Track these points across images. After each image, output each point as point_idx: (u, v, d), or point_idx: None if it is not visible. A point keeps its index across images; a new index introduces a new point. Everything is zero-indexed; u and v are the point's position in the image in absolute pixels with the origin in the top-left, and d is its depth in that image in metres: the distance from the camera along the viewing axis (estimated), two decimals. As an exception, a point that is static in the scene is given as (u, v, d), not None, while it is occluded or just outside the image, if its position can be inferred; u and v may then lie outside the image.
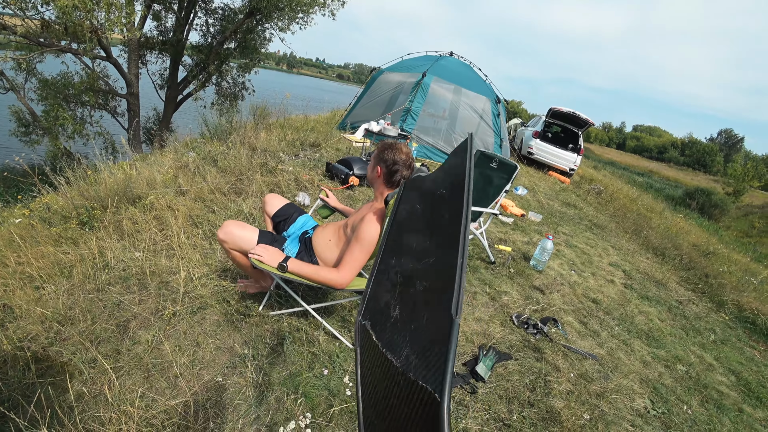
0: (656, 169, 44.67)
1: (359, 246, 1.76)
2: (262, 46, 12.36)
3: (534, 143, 10.26)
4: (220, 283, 2.30)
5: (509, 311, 2.78)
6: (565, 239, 4.83)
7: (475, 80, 7.76)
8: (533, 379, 2.15)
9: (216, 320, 2.04)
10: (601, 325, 3.00)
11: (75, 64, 10.15)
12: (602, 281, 3.87)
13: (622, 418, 2.07)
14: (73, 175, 3.29)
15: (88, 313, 1.97)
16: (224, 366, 1.78)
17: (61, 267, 2.30)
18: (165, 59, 12.38)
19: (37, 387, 1.55)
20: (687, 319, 3.62)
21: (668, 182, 30.96)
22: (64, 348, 1.76)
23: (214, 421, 1.53)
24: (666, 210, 11.75)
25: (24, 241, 2.51)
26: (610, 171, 21.68)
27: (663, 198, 17.91)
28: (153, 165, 3.79)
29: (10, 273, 2.21)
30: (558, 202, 6.94)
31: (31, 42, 8.41)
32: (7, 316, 1.91)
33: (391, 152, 1.84)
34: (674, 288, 4.35)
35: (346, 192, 4.21)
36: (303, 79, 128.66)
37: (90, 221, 2.77)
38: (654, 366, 2.67)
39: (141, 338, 1.86)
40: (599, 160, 31.79)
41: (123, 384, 1.61)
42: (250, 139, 4.66)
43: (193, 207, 3.08)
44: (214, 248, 2.66)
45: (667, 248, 5.84)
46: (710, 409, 2.38)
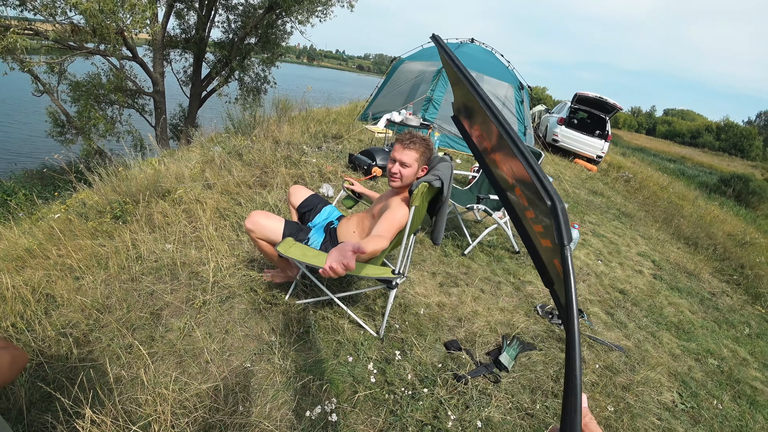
0: (689, 154, 42.70)
1: (388, 224, 1.80)
2: (283, 39, 12.44)
3: (559, 130, 9.99)
4: (248, 273, 2.37)
5: (534, 301, 2.75)
6: (592, 228, 4.72)
7: (498, 67, 7.61)
8: (557, 370, 2.13)
9: (244, 309, 2.11)
10: (628, 316, 2.93)
11: (104, 65, 10.50)
12: (630, 271, 3.77)
13: (649, 411, 2.03)
14: (106, 172, 3.43)
15: (124, 302, 2.07)
16: (252, 353, 1.84)
17: (97, 259, 2.42)
18: (188, 57, 12.64)
19: (79, 370, 1.65)
20: (720, 311, 3.49)
21: (702, 168, 29.54)
22: (103, 334, 1.86)
23: (243, 404, 1.59)
24: (699, 198, 11.27)
25: (63, 235, 2.64)
26: (639, 158, 20.90)
27: (696, 185, 17.14)
28: (180, 160, 3.91)
29: (51, 264, 2.34)
30: (584, 191, 6.76)
31: (62, 46, 8.75)
32: (50, 305, 2.03)
33: (421, 146, 1.88)
34: (707, 279, 4.19)
35: (369, 183, 4.24)
36: (323, 71, 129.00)
37: (123, 215, 2.89)
38: (683, 359, 2.59)
39: (173, 326, 1.95)
40: (628, 146, 30.64)
41: (157, 368, 1.70)
42: (273, 133, 4.74)
43: (220, 200, 3.17)
44: (242, 239, 2.74)
45: (699, 238, 5.62)
46: (742, 405, 2.30)
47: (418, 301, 2.45)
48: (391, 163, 1.91)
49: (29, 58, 8.34)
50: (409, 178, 1.90)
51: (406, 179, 1.90)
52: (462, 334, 2.25)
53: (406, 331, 2.16)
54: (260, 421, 1.52)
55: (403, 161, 1.87)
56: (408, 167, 1.87)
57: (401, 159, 1.87)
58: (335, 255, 1.19)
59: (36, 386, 1.56)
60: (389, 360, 1.93)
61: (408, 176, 1.89)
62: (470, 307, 2.50)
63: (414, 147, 1.87)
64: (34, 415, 1.45)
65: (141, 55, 10.62)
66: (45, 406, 1.50)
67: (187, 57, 12.68)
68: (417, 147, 1.87)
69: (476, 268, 3.05)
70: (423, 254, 3.07)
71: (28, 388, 1.54)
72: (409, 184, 1.92)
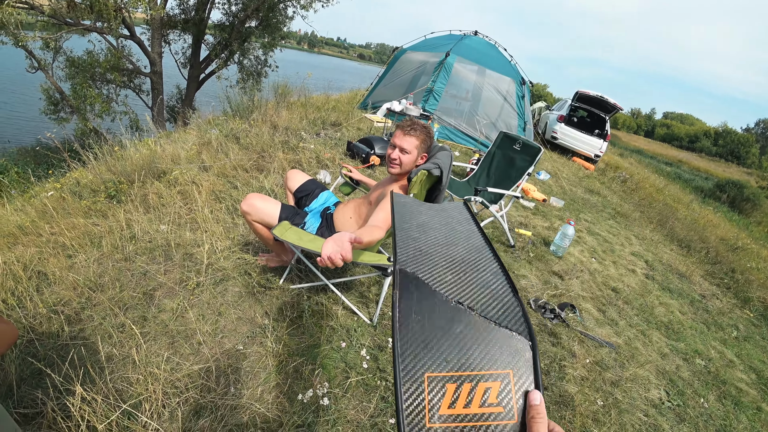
0: (686, 158, 42.93)
1: (385, 213, 1.79)
2: (284, 24, 12.26)
3: (559, 127, 9.99)
4: (242, 256, 2.36)
5: (527, 295, 2.77)
6: (587, 226, 4.74)
7: (500, 61, 7.56)
8: (548, 363, 2.15)
9: (238, 291, 2.10)
10: (619, 314, 2.95)
11: (100, 42, 10.30)
12: (623, 270, 3.79)
13: (636, 407, 2.06)
14: (101, 151, 3.38)
15: (117, 281, 2.05)
16: (245, 335, 1.84)
17: (91, 237, 2.39)
18: (187, 38, 12.44)
19: (70, 348, 1.64)
20: (709, 313, 3.53)
21: (698, 173, 29.75)
22: (95, 313, 1.84)
23: (234, 386, 1.59)
24: (694, 202, 11.35)
25: (57, 213, 2.61)
26: (636, 159, 20.98)
27: (691, 189, 17.28)
28: (177, 142, 3.86)
29: (44, 242, 2.31)
30: (581, 189, 6.79)
31: (58, 21, 8.56)
32: (42, 282, 2.01)
33: (422, 133, 1.86)
34: (698, 281, 4.23)
35: (367, 171, 4.22)
36: (324, 58, 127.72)
37: (117, 195, 2.86)
38: (672, 358, 2.62)
39: (166, 306, 1.93)
40: (626, 147, 30.73)
41: (149, 348, 1.69)
42: (271, 118, 4.69)
43: (216, 183, 3.14)
44: (237, 222, 2.72)
45: (692, 241, 5.66)
46: (727, 405, 2.33)
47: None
48: (391, 149, 1.89)
49: (24, 33, 8.16)
50: (409, 165, 1.89)
51: (405, 166, 1.88)
52: (455, 325, 2.26)
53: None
54: (252, 403, 1.52)
55: (403, 147, 1.85)
56: (408, 154, 1.86)
57: (401, 145, 1.85)
58: (331, 245, 1.18)
59: (26, 362, 1.55)
60: (382, 347, 1.93)
61: (407, 163, 1.88)
62: (464, 298, 2.51)
63: (415, 134, 1.85)
64: (24, 391, 1.44)
65: (139, 34, 10.44)
66: (35, 382, 1.49)
67: (186, 38, 12.47)
68: (418, 134, 1.86)
69: (471, 260, 3.05)
70: (419, 245, 3.06)
71: (19, 364, 1.52)
72: (408, 171, 1.91)
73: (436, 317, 0.58)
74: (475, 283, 0.65)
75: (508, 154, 3.62)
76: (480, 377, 0.52)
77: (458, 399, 0.50)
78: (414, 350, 0.54)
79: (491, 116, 7.08)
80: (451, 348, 0.55)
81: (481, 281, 0.66)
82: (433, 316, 0.58)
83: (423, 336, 0.55)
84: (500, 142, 3.72)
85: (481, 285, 0.65)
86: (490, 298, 0.62)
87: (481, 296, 0.62)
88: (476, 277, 0.67)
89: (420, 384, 0.51)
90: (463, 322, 0.58)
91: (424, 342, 0.55)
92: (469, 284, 0.65)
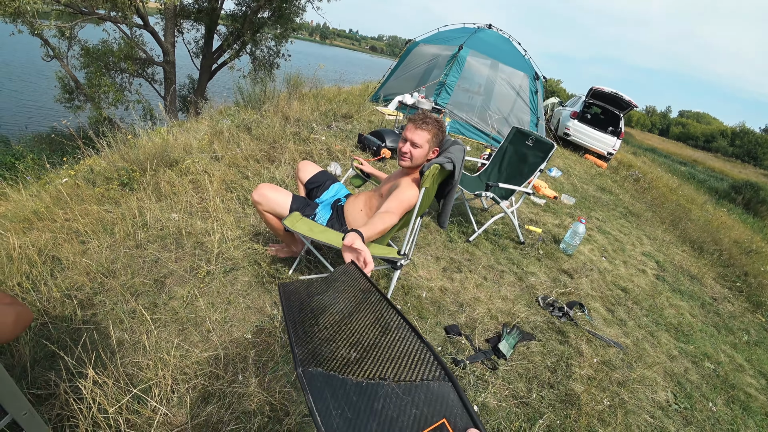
0: (701, 158, 42.07)
1: (398, 202, 1.78)
2: (297, 15, 12.23)
3: (571, 124, 9.85)
4: (252, 246, 2.37)
5: (535, 292, 2.75)
6: (598, 225, 4.69)
7: (514, 55, 7.46)
8: (555, 361, 2.14)
9: (247, 281, 2.11)
10: (628, 314, 2.92)
11: (114, 32, 10.38)
12: (633, 270, 3.75)
13: (642, 409, 2.04)
14: (114, 140, 3.42)
15: (129, 267, 2.08)
16: (254, 324, 1.86)
17: (104, 224, 2.42)
18: (200, 28, 12.47)
19: (83, 332, 1.67)
20: (720, 316, 3.48)
21: (713, 173, 29.13)
22: (107, 298, 1.87)
23: (242, 374, 1.61)
24: (708, 203, 11.15)
25: (71, 199, 2.65)
26: (650, 158, 20.64)
27: (706, 190, 16.96)
28: (189, 131, 3.89)
29: (58, 228, 2.35)
30: (593, 187, 6.70)
31: (73, 10, 8.64)
32: (56, 267, 2.05)
33: (433, 127, 1.85)
34: (710, 284, 4.17)
35: (378, 164, 4.21)
36: (336, 50, 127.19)
37: (130, 183, 2.89)
38: (680, 360, 2.59)
39: (177, 294, 1.96)
40: (639, 145, 30.21)
41: (160, 334, 1.71)
42: (283, 109, 4.69)
43: (227, 172, 3.16)
44: (247, 212, 2.73)
45: (705, 242, 5.57)
46: (735, 410, 2.30)
47: (420, 284, 2.45)
48: (402, 143, 1.88)
49: (39, 21, 8.24)
50: (419, 159, 1.87)
51: (416, 160, 1.87)
52: (462, 319, 2.26)
53: (407, 312, 2.17)
54: (259, 392, 1.54)
55: (414, 141, 1.84)
56: (419, 148, 1.84)
57: (412, 139, 1.84)
58: (347, 256, 1.17)
59: (40, 344, 1.58)
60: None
61: (418, 157, 1.86)
62: (472, 293, 2.50)
63: (426, 128, 1.84)
64: (38, 372, 1.48)
65: (152, 23, 10.49)
66: (48, 364, 1.52)
67: (198, 28, 12.51)
68: (429, 128, 1.84)
69: (480, 255, 3.04)
70: (428, 238, 3.06)
71: (33, 347, 1.56)
72: (419, 165, 1.89)
73: (354, 404, 0.57)
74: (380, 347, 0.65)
75: (520, 150, 3.58)
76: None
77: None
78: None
79: (503, 111, 7.01)
80: (381, 427, 0.54)
81: (384, 342, 0.65)
82: (351, 403, 0.57)
83: (350, 428, 0.54)
84: (512, 138, 3.68)
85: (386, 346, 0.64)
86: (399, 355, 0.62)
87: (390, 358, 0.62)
88: (379, 340, 0.66)
89: None
90: (381, 395, 0.57)
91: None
92: (375, 351, 0.64)
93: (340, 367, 0.62)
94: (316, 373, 0.61)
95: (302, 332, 0.73)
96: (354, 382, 0.60)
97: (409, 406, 0.56)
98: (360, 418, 0.55)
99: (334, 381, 0.60)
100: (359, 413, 0.56)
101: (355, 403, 0.57)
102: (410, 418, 0.55)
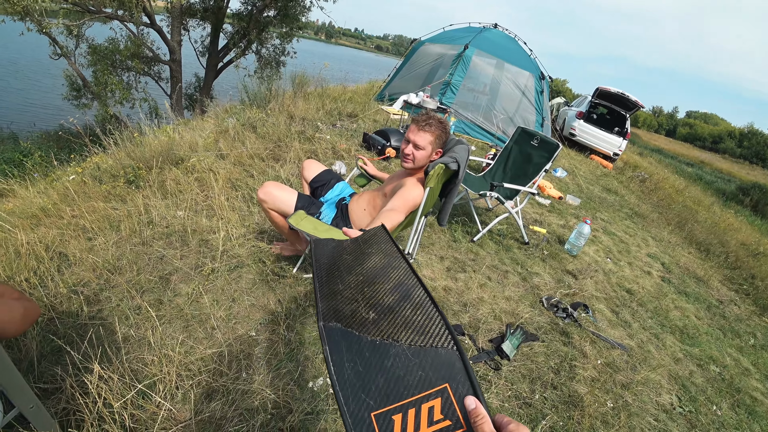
0: (708, 159, 41.68)
1: (403, 201, 1.78)
2: (302, 14, 12.24)
3: (577, 124, 9.80)
4: (257, 244, 2.39)
5: (539, 293, 2.74)
6: (603, 226, 4.66)
7: (520, 54, 7.43)
8: (558, 363, 2.13)
9: (252, 279, 2.12)
10: (633, 316, 2.91)
11: (121, 30, 10.45)
12: (639, 272, 3.73)
13: (646, 411, 2.03)
14: (121, 137, 3.44)
15: (134, 264, 2.10)
16: (258, 322, 1.87)
17: (110, 221, 2.44)
18: (206, 26, 12.53)
19: (89, 327, 1.68)
20: (726, 319, 3.45)
21: (720, 175, 28.84)
22: (113, 294, 1.89)
23: (246, 371, 1.62)
24: (715, 204, 11.06)
25: (78, 196, 2.68)
26: (656, 159, 20.49)
27: (713, 191, 16.81)
28: (195, 129, 3.91)
29: (65, 224, 2.38)
30: (598, 187, 6.67)
31: (81, 9, 8.70)
32: (63, 263, 2.07)
33: (437, 129, 1.84)
34: (716, 286, 4.13)
35: (383, 163, 4.22)
36: (341, 49, 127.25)
37: (136, 180, 2.91)
38: (685, 363, 2.57)
39: (182, 291, 1.97)
40: (645, 146, 29.99)
41: (165, 331, 1.73)
42: (288, 107, 4.71)
43: (232, 171, 3.18)
44: (252, 211, 2.75)
45: (712, 244, 5.52)
46: (741, 414, 2.28)
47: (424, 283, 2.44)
48: (405, 144, 1.88)
49: (47, 20, 8.31)
50: (422, 160, 1.87)
51: (418, 161, 1.87)
52: (466, 319, 2.26)
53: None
54: (263, 389, 1.54)
55: (416, 143, 1.84)
56: (421, 150, 1.84)
57: (415, 141, 1.84)
58: None
59: (47, 339, 1.60)
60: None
61: (420, 159, 1.86)
62: (476, 293, 2.50)
63: (429, 129, 1.83)
64: (45, 367, 1.49)
65: (158, 22, 10.54)
66: (55, 359, 1.54)
67: (204, 26, 12.57)
68: (432, 129, 1.84)
69: (484, 255, 3.04)
70: (432, 238, 3.06)
71: (40, 341, 1.58)
72: (421, 166, 1.89)
73: (366, 359, 0.62)
74: (397, 311, 0.69)
75: (525, 150, 3.56)
76: (421, 399, 0.56)
77: (407, 426, 0.54)
78: (355, 395, 0.58)
79: (509, 111, 6.98)
80: (387, 383, 0.58)
81: (402, 307, 0.70)
82: (364, 359, 0.62)
83: (360, 380, 0.59)
84: (518, 138, 3.66)
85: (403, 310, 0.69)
86: (413, 321, 0.66)
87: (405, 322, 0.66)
88: (398, 304, 0.71)
89: (369, 425, 0.55)
90: (391, 355, 0.62)
91: (362, 385, 0.59)
92: (392, 314, 0.69)
93: (357, 325, 0.67)
94: (335, 328, 0.67)
95: (327, 289, 0.79)
96: (368, 339, 0.65)
97: (416, 368, 0.60)
98: (369, 373, 0.60)
99: (351, 337, 0.65)
100: (369, 368, 0.61)
101: (367, 359, 0.62)
102: (415, 378, 0.58)
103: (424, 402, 0.56)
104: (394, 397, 0.57)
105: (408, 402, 0.56)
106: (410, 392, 0.57)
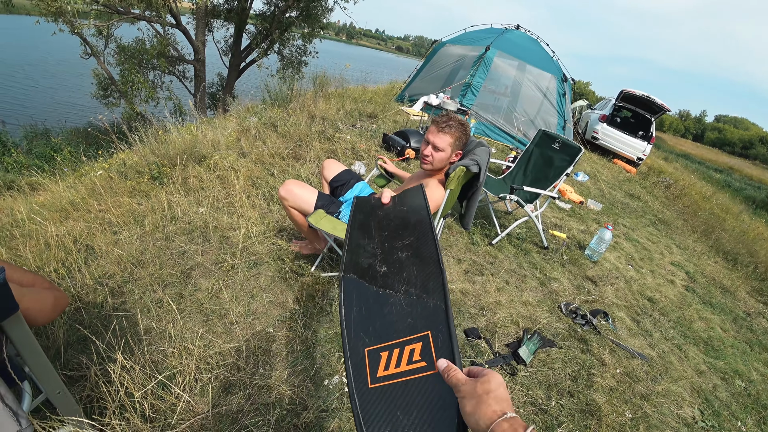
0: (738, 166, 40.16)
1: None
2: (324, 15, 12.35)
3: (600, 128, 9.59)
4: (276, 242, 2.42)
5: (558, 299, 2.70)
6: (625, 232, 4.55)
7: (542, 56, 7.33)
8: (576, 370, 2.09)
9: (270, 276, 2.15)
10: (654, 325, 2.83)
11: (148, 30, 10.75)
12: (661, 280, 3.62)
13: (666, 424, 1.97)
14: (146, 135, 3.54)
15: (157, 258, 2.16)
16: (275, 319, 1.89)
17: (134, 216, 2.52)
18: (229, 27, 12.77)
19: (113, 318, 1.74)
20: (754, 332, 3.32)
21: (750, 182, 27.71)
22: (136, 287, 1.95)
23: (263, 367, 1.64)
24: (744, 212, 10.65)
25: (104, 191, 2.76)
26: (682, 164, 19.87)
27: (742, 199, 16.19)
28: (217, 128, 3.99)
29: (92, 218, 2.46)
30: (621, 193, 6.51)
31: (110, 10, 9.00)
32: (89, 255, 2.14)
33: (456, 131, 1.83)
34: (743, 298, 3.98)
35: (402, 164, 4.22)
36: (361, 50, 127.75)
37: (160, 177, 2.99)
38: (709, 376, 2.49)
39: (202, 285, 2.01)
40: (671, 151, 29.09)
41: (185, 324, 1.77)
42: (309, 107, 4.76)
43: (253, 169, 3.23)
44: (272, 209, 2.79)
45: (740, 254, 5.32)
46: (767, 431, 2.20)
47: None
48: (424, 145, 1.87)
49: (79, 21, 8.62)
50: (441, 162, 1.86)
51: (437, 163, 1.86)
52: (483, 323, 2.24)
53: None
54: (279, 385, 1.56)
55: (436, 144, 1.83)
56: (441, 152, 1.83)
57: (434, 142, 1.83)
58: None
59: (74, 329, 1.66)
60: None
61: (440, 161, 1.85)
62: (493, 297, 2.47)
63: (449, 131, 1.82)
64: (71, 355, 1.55)
65: (184, 23, 10.80)
66: (81, 348, 1.59)
67: (228, 27, 12.81)
68: (452, 131, 1.82)
69: (503, 259, 3.00)
70: (450, 240, 3.04)
71: (66, 330, 1.63)
72: (441, 168, 1.88)
73: (370, 306, 0.76)
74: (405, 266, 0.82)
75: (546, 153, 3.51)
76: (405, 342, 0.67)
77: (390, 362, 0.65)
78: (356, 333, 0.70)
79: (530, 113, 6.89)
80: (382, 326, 0.71)
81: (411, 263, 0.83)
82: (368, 306, 0.76)
83: (361, 322, 0.73)
84: (539, 141, 3.61)
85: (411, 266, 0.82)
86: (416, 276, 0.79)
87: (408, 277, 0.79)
88: (408, 260, 0.84)
89: (362, 357, 0.67)
90: (389, 303, 0.75)
91: (362, 326, 0.72)
92: (400, 270, 0.82)
93: (369, 278, 0.82)
94: (351, 279, 0.82)
95: (354, 244, 0.94)
96: (374, 290, 0.79)
97: (407, 316, 0.72)
98: (370, 317, 0.73)
99: (362, 287, 0.80)
100: (371, 314, 0.74)
101: (370, 306, 0.76)
102: (405, 325, 0.70)
103: (408, 344, 0.66)
104: (385, 337, 0.69)
105: (395, 342, 0.67)
106: (398, 335, 0.68)
